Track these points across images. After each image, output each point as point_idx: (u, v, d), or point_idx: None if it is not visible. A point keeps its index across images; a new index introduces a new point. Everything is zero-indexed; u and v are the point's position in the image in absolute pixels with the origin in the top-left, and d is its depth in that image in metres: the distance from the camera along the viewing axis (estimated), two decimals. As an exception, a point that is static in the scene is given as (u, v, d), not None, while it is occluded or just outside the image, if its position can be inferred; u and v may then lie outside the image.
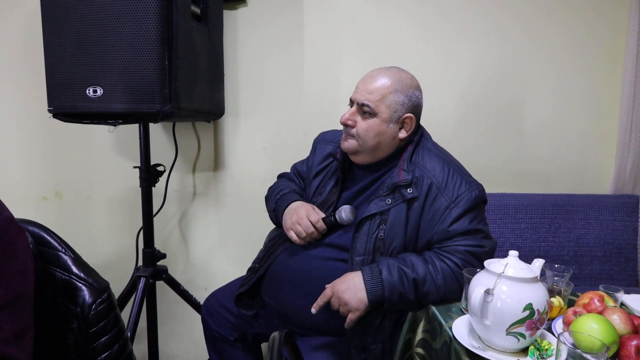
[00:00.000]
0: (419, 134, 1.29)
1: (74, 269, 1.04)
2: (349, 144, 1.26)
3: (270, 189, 1.50)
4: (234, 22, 1.90)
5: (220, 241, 2.00)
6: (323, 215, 1.26)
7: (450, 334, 0.95)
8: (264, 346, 1.68)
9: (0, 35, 1.87)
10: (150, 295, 1.69)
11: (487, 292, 0.84)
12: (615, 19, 1.84)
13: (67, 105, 1.41)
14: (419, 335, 1.16)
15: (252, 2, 1.88)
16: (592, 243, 1.87)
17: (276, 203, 1.40)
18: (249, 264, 1.44)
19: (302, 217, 1.26)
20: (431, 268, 1.12)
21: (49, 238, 1.06)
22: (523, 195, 1.87)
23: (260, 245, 1.49)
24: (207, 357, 1.60)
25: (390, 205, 1.18)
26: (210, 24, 1.68)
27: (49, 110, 1.44)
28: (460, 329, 0.95)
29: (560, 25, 1.85)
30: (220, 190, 1.97)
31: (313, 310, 1.18)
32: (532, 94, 1.89)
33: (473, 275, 0.95)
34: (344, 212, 1.23)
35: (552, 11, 1.84)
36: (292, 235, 1.27)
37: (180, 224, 1.99)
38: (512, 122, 1.91)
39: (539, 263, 0.93)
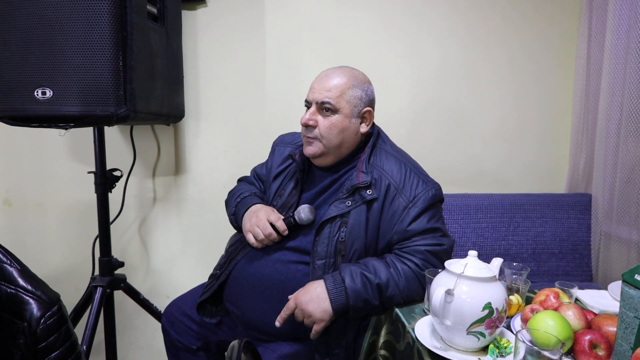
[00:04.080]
0: (375, 134, 1.30)
1: (20, 281, 0.98)
2: (313, 148, 1.24)
3: (230, 192, 1.47)
4: (194, 22, 1.86)
5: (182, 247, 1.95)
6: (282, 217, 1.24)
7: (413, 335, 0.95)
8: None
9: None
10: (108, 306, 1.62)
11: (448, 292, 0.85)
12: (567, 26, 1.91)
13: (13, 107, 1.33)
14: (383, 337, 1.16)
15: (211, 2, 1.85)
16: (549, 240, 1.93)
17: (236, 207, 1.37)
18: (212, 271, 1.40)
19: (261, 219, 1.24)
20: (393, 271, 1.12)
21: (-10, 249, 1.00)
22: (483, 196, 1.92)
23: (223, 251, 1.45)
24: (170, 367, 1.56)
25: (350, 208, 1.18)
26: (168, 24, 1.64)
27: (-6, 113, 1.36)
28: (423, 330, 0.95)
29: (515, 33, 1.90)
30: (181, 194, 1.92)
31: (277, 324, 1.15)
32: (490, 98, 1.94)
33: (434, 276, 0.95)
34: (303, 212, 1.22)
35: (507, 19, 1.89)
36: (250, 237, 1.25)
37: (140, 230, 1.92)
38: (470, 124, 1.95)
39: (497, 262, 0.94)
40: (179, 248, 1.95)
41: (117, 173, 1.59)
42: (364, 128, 1.26)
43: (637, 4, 1.58)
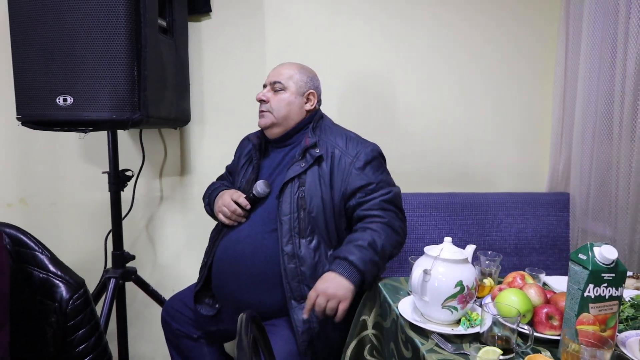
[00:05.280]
0: (319, 114, 1.55)
1: (51, 267, 1.11)
2: (265, 119, 1.49)
3: (206, 189, 1.70)
4: (198, 33, 1.99)
5: (187, 244, 2.08)
6: (244, 195, 1.46)
7: (397, 312, 1.08)
8: (227, 345, 1.77)
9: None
10: (119, 296, 1.75)
11: (425, 272, 0.98)
12: (547, 33, 2.06)
13: (36, 113, 1.46)
14: (373, 318, 1.29)
15: (215, 14, 1.99)
16: (530, 236, 2.06)
17: (209, 197, 1.62)
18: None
19: (226, 199, 1.47)
20: (370, 232, 1.31)
21: (25, 239, 1.13)
22: (469, 195, 2.05)
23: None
24: (175, 357, 1.67)
25: (305, 168, 1.39)
26: (176, 35, 1.78)
27: (18, 118, 1.49)
28: (405, 307, 1.09)
29: (496, 40, 2.06)
30: (186, 194, 2.05)
31: (305, 316, 1.28)
32: (475, 103, 2.09)
33: (415, 261, 1.09)
34: (259, 186, 1.44)
35: (490, 24, 2.05)
36: (221, 217, 1.48)
37: (148, 227, 2.05)
38: (455, 128, 2.10)
39: (470, 248, 1.08)
40: (184, 244, 2.08)
41: (129, 173, 1.72)
42: (308, 106, 1.51)
43: (610, 14, 1.72)
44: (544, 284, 1.24)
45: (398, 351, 1.07)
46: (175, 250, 2.08)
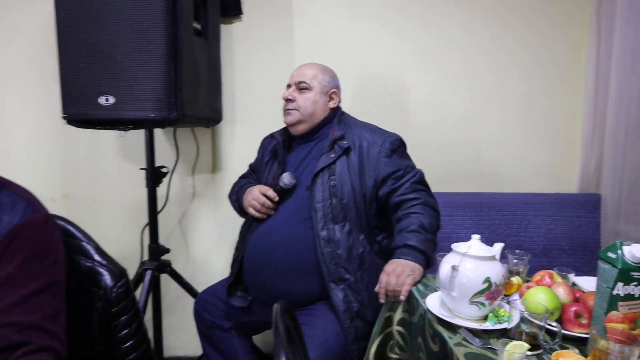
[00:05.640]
0: (340, 111, 1.63)
1: (96, 257, 1.18)
2: (291, 117, 1.57)
3: (231, 187, 1.78)
4: (230, 34, 2.06)
5: (218, 239, 2.15)
6: (271, 187, 1.54)
7: (425, 307, 1.11)
8: (255, 338, 1.82)
9: (15, 46, 2.00)
10: (155, 288, 1.83)
11: (453, 268, 1.01)
12: (577, 34, 2.04)
13: (80, 112, 1.55)
14: (399, 314, 1.32)
15: (246, 16, 2.05)
16: (560, 237, 2.04)
17: (237, 194, 1.70)
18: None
19: (254, 193, 1.54)
20: (414, 215, 1.38)
21: (73, 230, 1.21)
22: (497, 194, 2.04)
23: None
24: (206, 349, 1.74)
25: (334, 159, 1.48)
26: (209, 38, 1.84)
27: (63, 117, 1.57)
28: (433, 302, 1.11)
29: (524, 39, 2.05)
30: (218, 191, 2.12)
31: (382, 300, 1.32)
32: (504, 104, 2.09)
33: (443, 258, 1.11)
34: (286, 178, 1.51)
35: (519, 24, 2.04)
36: (251, 210, 1.55)
37: (181, 222, 2.13)
38: (482, 128, 2.10)
39: (498, 246, 1.09)
40: (215, 239, 2.15)
41: (164, 170, 1.80)
42: (331, 104, 1.61)
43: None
44: (573, 284, 1.24)
45: (425, 345, 1.10)
46: (207, 245, 2.15)
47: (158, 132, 2.05)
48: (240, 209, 1.69)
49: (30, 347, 0.87)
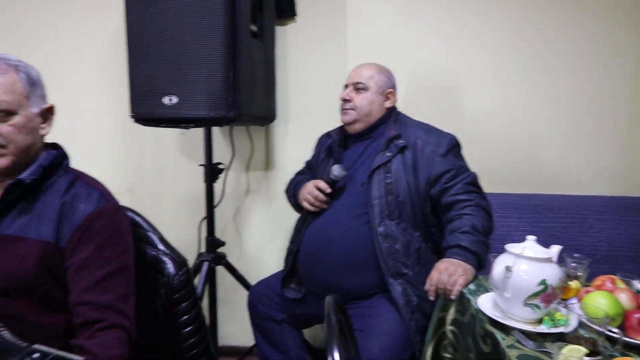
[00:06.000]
0: (396, 111, 1.65)
1: (160, 246, 1.26)
2: (348, 116, 1.61)
3: (288, 183, 1.86)
4: (284, 36, 2.11)
5: (270, 235, 2.21)
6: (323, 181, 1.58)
7: (476, 307, 1.10)
8: (305, 332, 1.86)
9: (89, 50, 2.16)
10: (211, 279, 1.91)
11: (507, 268, 0.99)
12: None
13: (146, 111, 1.65)
14: (451, 315, 1.31)
15: (300, 18, 2.09)
16: (625, 243, 1.92)
17: (293, 189, 1.77)
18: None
19: (308, 187, 1.60)
20: (466, 217, 1.38)
21: (140, 221, 1.30)
22: (555, 196, 1.97)
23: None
24: (258, 340, 1.80)
25: (390, 157, 1.51)
26: (265, 39, 1.90)
27: (131, 116, 1.69)
28: (485, 302, 1.10)
29: (588, 38, 1.96)
30: (271, 188, 2.19)
31: (432, 298, 1.32)
32: (567, 103, 2.01)
33: (496, 258, 1.09)
34: (335, 170, 1.55)
35: (582, 22, 1.95)
36: (305, 204, 1.60)
37: (236, 217, 2.22)
38: (542, 129, 2.03)
39: (556, 248, 1.06)
40: (267, 235, 2.22)
41: (221, 166, 1.88)
42: (387, 104, 1.63)
43: None
44: (638, 291, 1.18)
45: (476, 345, 1.09)
46: (260, 240, 2.23)
47: (215, 131, 2.14)
48: (296, 204, 1.75)
49: (104, 324, 0.95)
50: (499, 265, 1.00)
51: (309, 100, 2.12)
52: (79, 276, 0.98)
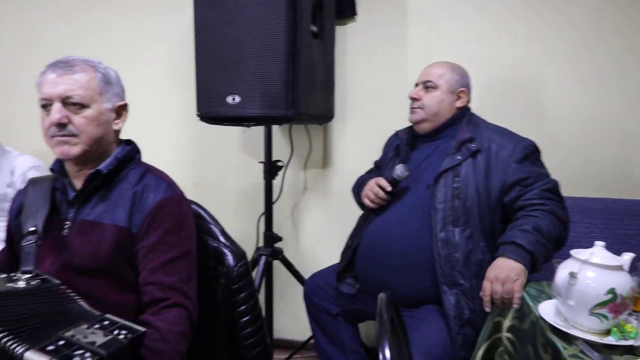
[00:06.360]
0: (469, 112, 1.60)
1: (221, 238, 1.32)
2: (416, 115, 1.59)
3: (355, 181, 1.86)
4: (344, 35, 2.13)
5: (326, 232, 2.24)
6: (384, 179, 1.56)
7: (537, 314, 1.05)
8: (361, 326, 1.87)
9: (159, 52, 2.30)
10: (268, 273, 1.98)
11: (572, 275, 0.94)
12: None
13: (212, 110, 1.74)
14: (509, 321, 1.26)
15: (360, 17, 2.10)
16: None
17: (359, 187, 1.77)
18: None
19: (370, 184, 1.59)
20: (533, 219, 1.31)
21: (203, 213, 1.37)
22: (632, 202, 1.83)
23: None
24: (311, 334, 1.83)
25: (460, 160, 1.45)
26: (324, 39, 1.93)
27: (197, 115, 1.78)
28: (547, 310, 1.05)
29: None
30: (328, 186, 2.22)
31: (487, 309, 1.29)
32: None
33: (560, 264, 1.04)
34: (398, 169, 1.52)
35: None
36: (366, 201, 1.59)
37: (293, 214, 2.27)
38: (616, 127, 1.89)
39: (628, 256, 0.99)
40: (323, 232, 2.25)
41: (280, 164, 1.94)
42: (458, 104, 1.58)
43: None
44: None
45: (536, 354, 1.04)
46: (316, 237, 2.26)
47: (275, 129, 2.20)
48: (359, 201, 1.76)
49: (168, 302, 1.04)
50: (562, 271, 0.95)
51: (367, 100, 2.12)
52: (147, 258, 1.07)
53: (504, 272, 1.24)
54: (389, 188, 1.54)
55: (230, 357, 1.30)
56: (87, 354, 0.78)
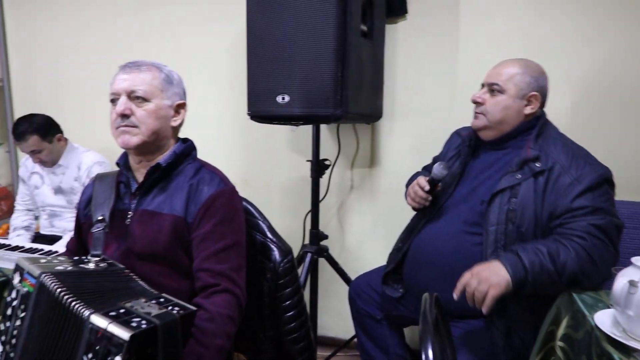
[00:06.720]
0: (543, 120, 1.43)
1: (269, 234, 1.36)
2: (478, 121, 1.46)
3: (409, 179, 1.76)
4: (394, 34, 2.11)
5: (372, 231, 2.24)
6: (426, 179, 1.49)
7: (592, 323, 1.00)
8: (407, 330, 1.85)
9: (214, 53, 2.38)
10: (313, 270, 2.00)
11: (631, 283, 0.89)
12: None
13: (262, 109, 1.78)
14: (562, 329, 1.21)
15: (411, 15, 2.07)
16: None
17: (408, 185, 1.65)
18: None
19: (413, 183, 1.53)
20: (560, 245, 1.20)
21: (251, 209, 1.42)
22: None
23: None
24: (354, 332, 1.84)
25: (521, 180, 1.31)
26: (374, 38, 1.93)
27: (248, 114, 1.83)
28: (603, 319, 1.00)
29: None
30: (374, 185, 2.21)
31: (455, 296, 1.27)
32: None
33: (619, 272, 0.99)
34: (436, 168, 1.45)
35: None
36: (409, 200, 1.55)
37: (339, 212, 2.29)
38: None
39: (698, 266, 0.92)
40: (369, 232, 2.24)
41: (327, 162, 1.96)
42: (528, 110, 1.41)
43: None
44: None
45: (591, 365, 0.99)
46: (361, 236, 2.26)
47: (323, 128, 2.22)
48: None
49: (219, 288, 1.11)
50: (621, 279, 0.90)
51: (417, 99, 2.10)
52: (200, 247, 1.15)
53: (487, 273, 1.19)
54: (427, 187, 1.48)
55: (274, 350, 1.34)
56: (143, 322, 0.88)
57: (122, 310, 0.92)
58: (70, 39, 2.62)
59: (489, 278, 1.20)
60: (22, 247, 1.69)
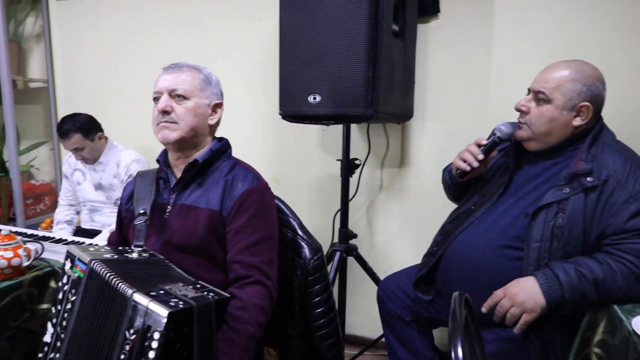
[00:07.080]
0: (598, 127, 1.31)
1: (299, 231, 1.39)
2: (522, 132, 1.36)
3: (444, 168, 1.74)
4: (426, 34, 2.09)
5: (401, 231, 2.23)
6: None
7: (630, 329, 0.98)
8: (436, 332, 1.84)
9: (247, 53, 2.43)
10: (342, 268, 2.02)
11: (672, 288, 0.86)
12: None
13: (293, 109, 1.81)
14: (598, 335, 1.18)
15: (443, 15, 2.05)
16: None
17: (448, 169, 1.64)
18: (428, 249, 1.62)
19: (469, 145, 1.45)
20: (607, 268, 1.13)
21: (283, 207, 1.44)
22: None
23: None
24: (382, 332, 1.84)
25: (569, 194, 1.21)
26: (405, 38, 1.92)
27: (280, 114, 1.86)
28: (641, 325, 0.97)
29: None
30: (404, 185, 2.21)
31: (484, 310, 1.24)
32: None
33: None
34: (504, 126, 1.38)
35: None
36: (458, 162, 1.44)
37: (368, 212, 2.29)
38: None
39: None
40: (398, 232, 2.24)
41: (357, 162, 1.97)
42: (577, 122, 1.28)
43: None
44: None
45: (627, 371, 0.97)
46: (390, 236, 2.26)
47: (353, 127, 2.23)
48: (449, 179, 1.62)
49: (251, 279, 1.16)
50: (661, 284, 0.87)
51: (448, 99, 2.08)
52: (234, 240, 1.21)
53: (522, 296, 1.15)
54: (483, 142, 1.40)
55: (304, 345, 1.36)
56: (180, 303, 0.95)
57: (161, 292, 0.99)
58: (113, 42, 2.73)
59: (523, 303, 1.16)
60: (65, 240, 1.77)
